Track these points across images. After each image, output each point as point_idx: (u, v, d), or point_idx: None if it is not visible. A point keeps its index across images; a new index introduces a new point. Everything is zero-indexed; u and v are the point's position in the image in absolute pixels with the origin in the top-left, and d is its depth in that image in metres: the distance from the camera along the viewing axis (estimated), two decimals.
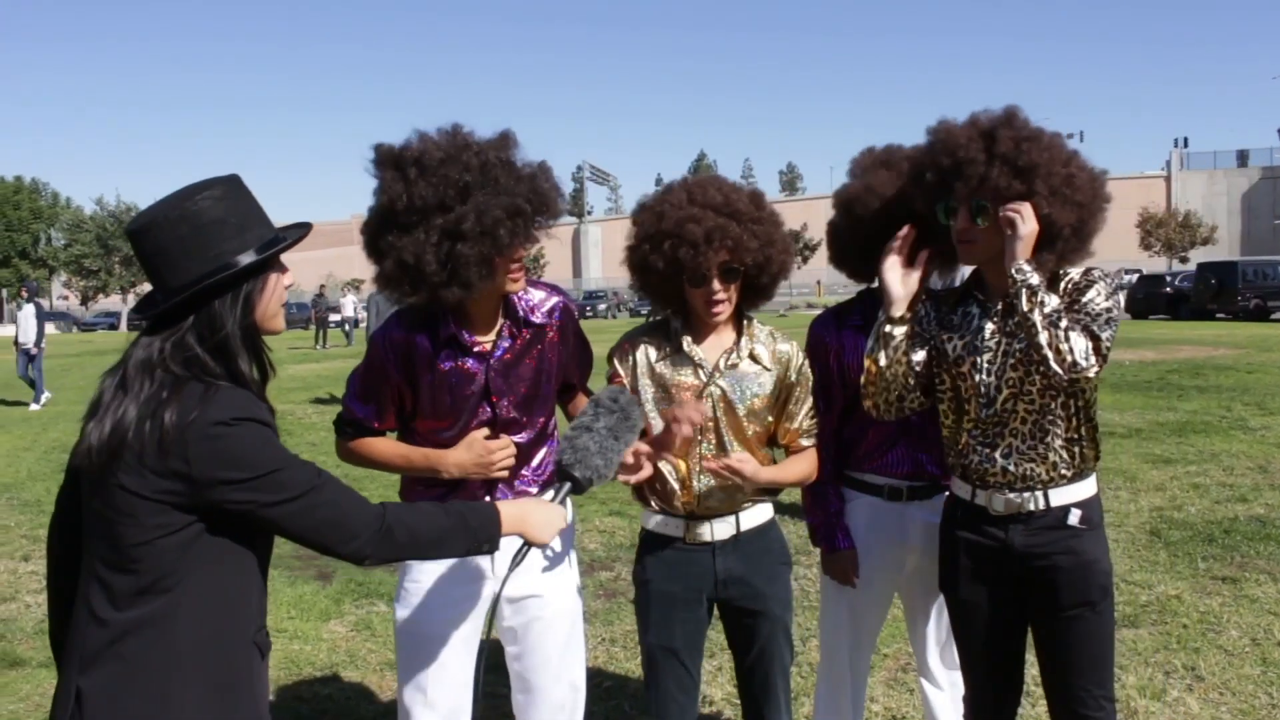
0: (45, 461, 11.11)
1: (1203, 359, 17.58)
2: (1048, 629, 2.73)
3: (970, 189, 2.59)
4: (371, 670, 4.93)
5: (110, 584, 1.86)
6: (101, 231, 63.57)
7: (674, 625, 2.88)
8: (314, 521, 1.92)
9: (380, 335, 2.79)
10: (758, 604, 2.89)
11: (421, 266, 2.53)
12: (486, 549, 2.18)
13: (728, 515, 2.86)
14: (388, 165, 2.59)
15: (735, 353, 2.84)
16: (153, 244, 1.93)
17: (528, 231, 2.62)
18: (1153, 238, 64.45)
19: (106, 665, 1.84)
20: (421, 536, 2.06)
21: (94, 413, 1.91)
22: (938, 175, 2.63)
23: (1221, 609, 5.31)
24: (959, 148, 2.59)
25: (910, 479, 3.17)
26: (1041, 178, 2.55)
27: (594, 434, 2.40)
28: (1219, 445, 9.66)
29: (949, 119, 2.71)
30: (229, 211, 1.95)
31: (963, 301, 2.81)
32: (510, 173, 2.61)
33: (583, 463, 2.38)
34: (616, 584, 6.15)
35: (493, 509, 2.21)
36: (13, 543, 7.62)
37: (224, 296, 1.93)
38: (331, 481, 1.96)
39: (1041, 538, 2.69)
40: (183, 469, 1.81)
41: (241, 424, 1.85)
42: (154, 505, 1.82)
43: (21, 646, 5.40)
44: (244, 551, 1.95)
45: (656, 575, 2.90)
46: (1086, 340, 2.50)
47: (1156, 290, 35.97)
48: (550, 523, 2.30)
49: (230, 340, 1.93)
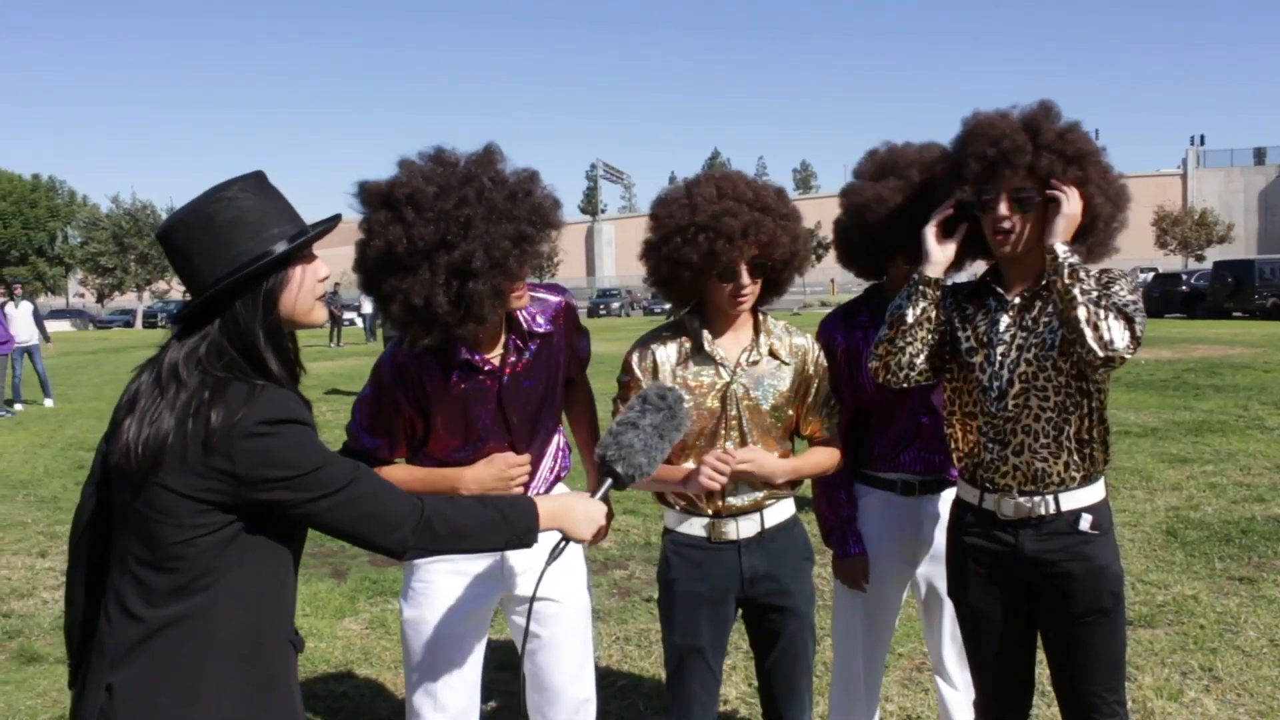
0: (62, 458, 11.18)
1: (1219, 358, 17.48)
2: (1059, 635, 2.71)
3: (1019, 177, 2.59)
4: (386, 668, 4.94)
5: (146, 581, 1.86)
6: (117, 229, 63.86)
7: (700, 625, 2.87)
8: (355, 515, 1.93)
9: (388, 364, 2.71)
10: (785, 600, 2.89)
11: (433, 308, 2.45)
12: (524, 542, 2.17)
13: (752, 513, 2.86)
14: (378, 206, 2.48)
15: (755, 349, 2.84)
16: (175, 247, 1.95)
17: (535, 252, 2.59)
18: (1169, 236, 64.16)
19: (139, 661, 1.84)
20: (460, 527, 2.05)
21: (130, 409, 1.91)
22: (983, 164, 2.62)
23: (1239, 609, 5.28)
24: (1004, 137, 2.59)
25: (922, 474, 3.19)
26: (1092, 165, 2.60)
27: (640, 431, 2.36)
28: (1236, 445, 9.60)
29: (982, 111, 2.70)
30: (246, 211, 1.94)
31: (978, 294, 2.81)
32: (506, 193, 2.53)
33: (626, 460, 2.34)
34: (630, 582, 6.16)
35: (531, 503, 2.19)
36: (30, 539, 7.67)
37: (244, 296, 1.93)
38: (370, 476, 1.98)
39: (1052, 543, 2.67)
40: (228, 467, 1.81)
41: (285, 425, 1.86)
42: (196, 505, 1.83)
43: (39, 642, 5.44)
44: (280, 550, 1.96)
45: (682, 575, 2.88)
46: (1123, 322, 2.49)
47: (1173, 289, 35.79)
48: (591, 518, 2.29)
49: (255, 340, 1.93)
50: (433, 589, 2.82)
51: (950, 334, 2.80)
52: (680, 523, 2.90)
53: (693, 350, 2.84)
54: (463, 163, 2.54)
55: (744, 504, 2.84)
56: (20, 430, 13.67)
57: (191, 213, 1.93)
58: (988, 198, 2.64)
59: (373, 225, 2.48)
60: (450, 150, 2.57)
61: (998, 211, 2.62)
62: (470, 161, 2.54)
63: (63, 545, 7.42)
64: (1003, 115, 2.67)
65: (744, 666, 4.61)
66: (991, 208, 2.64)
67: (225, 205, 1.93)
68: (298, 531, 2.02)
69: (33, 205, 69.64)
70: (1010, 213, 2.62)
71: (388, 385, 2.71)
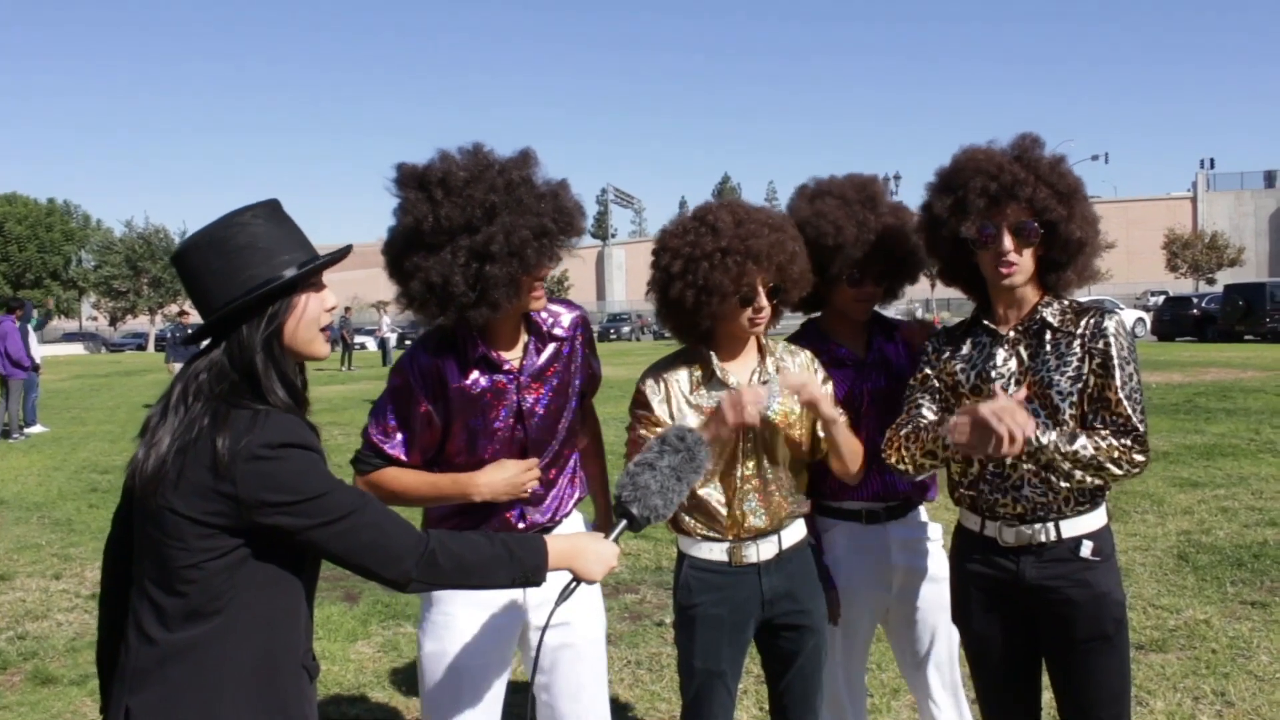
0: (75, 481, 11.23)
1: (1231, 381, 17.43)
2: (1063, 662, 2.71)
3: (1019, 210, 2.63)
4: (398, 691, 4.95)
5: (160, 605, 1.89)
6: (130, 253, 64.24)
7: (722, 649, 2.87)
8: (357, 544, 1.93)
9: (407, 362, 2.76)
10: (804, 619, 2.91)
11: (450, 288, 2.54)
12: (532, 581, 2.15)
13: (770, 535, 2.88)
14: (411, 185, 2.59)
15: (763, 370, 2.88)
16: (187, 270, 1.98)
17: (553, 250, 2.65)
18: (1179, 259, 63.95)
19: (155, 686, 1.87)
20: (466, 563, 2.04)
21: (142, 435, 1.96)
22: (986, 198, 2.64)
23: (1251, 634, 5.27)
24: (1002, 170, 2.63)
25: (884, 500, 3.18)
26: (1079, 201, 2.65)
27: (657, 472, 2.33)
28: (1248, 468, 9.58)
29: (970, 146, 2.76)
30: (258, 237, 1.97)
31: (971, 331, 2.84)
32: (533, 192, 2.62)
33: (641, 501, 2.31)
34: (641, 607, 6.16)
35: (540, 541, 2.18)
36: (44, 561, 7.71)
37: (250, 320, 1.95)
38: (375, 505, 1.98)
39: (1053, 569, 2.67)
40: (230, 491, 1.84)
41: (288, 449, 1.88)
42: (202, 528, 1.85)
43: (54, 664, 5.46)
44: (291, 577, 1.97)
45: (704, 600, 2.87)
46: (1128, 439, 2.55)
47: (1183, 312, 35.65)
48: (603, 559, 2.27)
49: (255, 362, 1.94)
50: (453, 621, 2.79)
51: (948, 378, 2.81)
52: (700, 548, 2.90)
53: (704, 376, 2.87)
54: (498, 158, 2.64)
55: (763, 525, 2.86)
56: (34, 453, 13.73)
57: (205, 237, 1.96)
58: (989, 232, 2.66)
59: (404, 204, 2.60)
60: (489, 149, 2.67)
61: (1001, 245, 2.65)
62: (506, 159, 2.65)
63: (76, 568, 7.46)
64: (992, 149, 2.71)
65: (755, 690, 4.61)
66: (994, 242, 2.66)
67: (239, 230, 1.96)
68: (309, 559, 2.03)
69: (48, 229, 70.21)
70: (1014, 245, 2.65)
71: (406, 380, 2.74)
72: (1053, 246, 2.68)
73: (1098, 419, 2.60)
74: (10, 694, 5.09)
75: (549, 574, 2.18)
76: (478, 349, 2.73)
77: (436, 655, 2.79)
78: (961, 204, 2.69)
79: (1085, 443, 2.54)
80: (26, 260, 68.58)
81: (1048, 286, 2.75)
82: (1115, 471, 2.55)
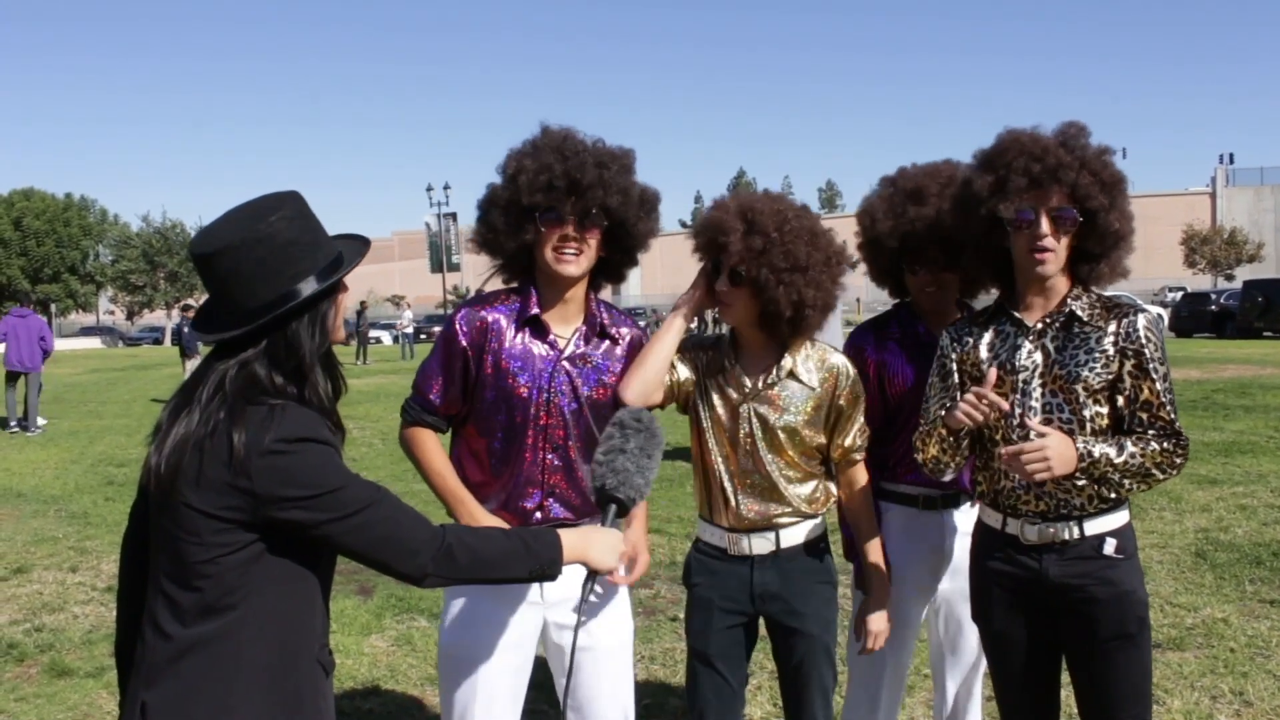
0: (92, 474, 11.30)
1: (1249, 378, 17.29)
2: (1085, 661, 2.69)
3: (1060, 196, 2.61)
4: (412, 685, 4.96)
5: (176, 600, 1.88)
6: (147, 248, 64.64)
7: (710, 632, 2.93)
8: (373, 538, 1.92)
9: (461, 309, 2.84)
10: (794, 621, 2.90)
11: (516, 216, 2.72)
12: (548, 574, 2.15)
13: (766, 531, 2.89)
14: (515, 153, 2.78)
15: (776, 371, 2.86)
16: (227, 267, 1.91)
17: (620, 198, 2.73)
18: (1198, 255, 63.59)
19: (170, 681, 1.87)
20: (482, 557, 2.03)
21: (158, 430, 1.95)
22: (1028, 179, 2.61)
23: (1270, 633, 5.23)
24: (1047, 153, 2.60)
25: (943, 487, 3.20)
26: (1120, 193, 2.64)
27: (629, 455, 2.41)
28: (1266, 466, 9.51)
29: (1015, 128, 2.73)
30: (302, 231, 1.95)
31: (995, 320, 2.81)
32: (619, 163, 2.76)
33: (626, 484, 2.39)
34: (655, 601, 6.16)
35: (555, 535, 2.18)
36: (61, 554, 7.75)
37: (301, 319, 1.95)
38: (391, 500, 1.97)
39: (1076, 568, 2.65)
40: (246, 486, 1.83)
41: (305, 444, 1.87)
42: (218, 523, 1.85)
43: (70, 656, 5.49)
44: (306, 572, 1.97)
45: (701, 581, 2.97)
46: (1170, 443, 2.56)
47: (1202, 308, 35.43)
48: (610, 547, 2.30)
49: (306, 361, 1.96)
50: (474, 617, 2.78)
51: (970, 370, 2.80)
52: (706, 531, 2.98)
53: (721, 367, 2.91)
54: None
55: (758, 521, 2.88)
56: (51, 446, 13.82)
57: (248, 232, 1.91)
58: (1028, 215, 2.63)
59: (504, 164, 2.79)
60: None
61: (1039, 229, 2.62)
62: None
63: (93, 560, 7.51)
64: (1038, 133, 2.68)
65: (768, 686, 4.60)
66: (1031, 225, 2.63)
67: (285, 225, 1.93)
68: (324, 554, 2.02)
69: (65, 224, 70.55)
70: (1052, 231, 2.62)
71: (453, 326, 2.80)
72: (1089, 237, 2.64)
73: (1136, 422, 2.60)
74: (27, 685, 5.12)
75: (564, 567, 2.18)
76: (531, 308, 2.77)
77: (456, 649, 2.79)
78: (1003, 183, 2.65)
79: (1134, 450, 2.54)
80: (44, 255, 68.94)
81: (1079, 278, 2.71)
82: (1159, 477, 2.56)
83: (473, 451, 2.86)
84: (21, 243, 68.52)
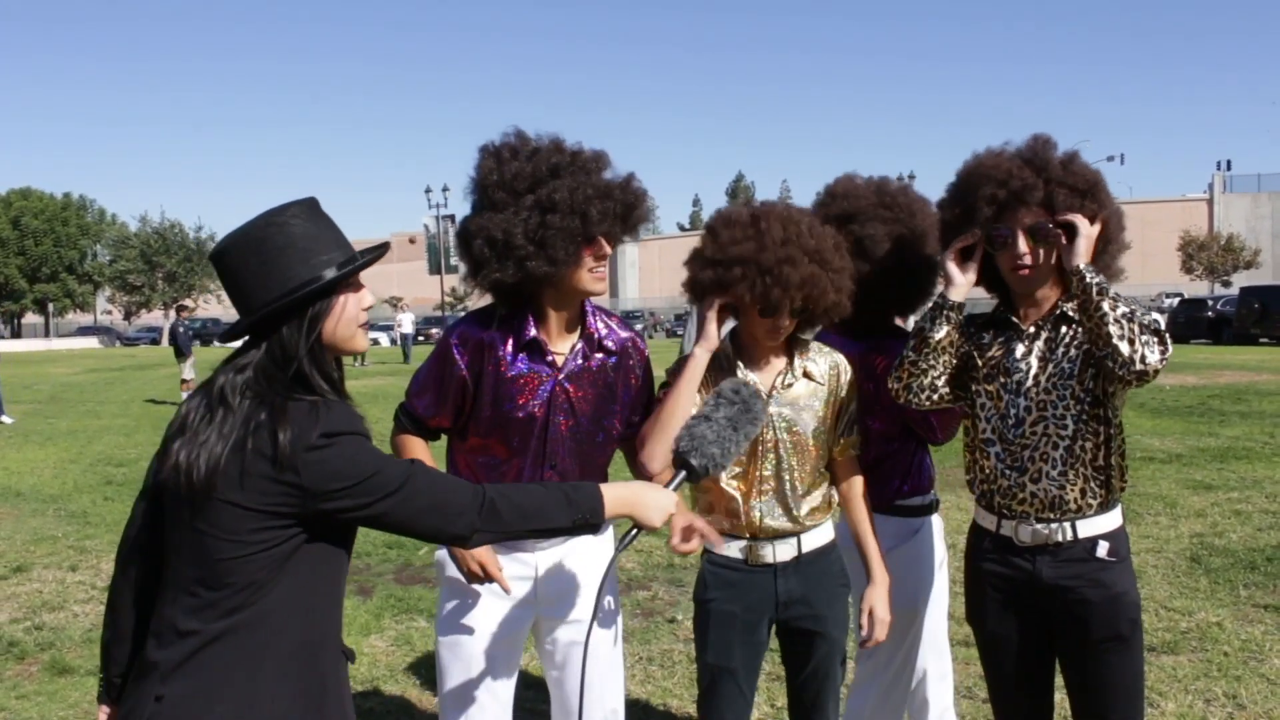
0: (91, 474, 11.32)
1: (1245, 384, 17.34)
2: (1077, 662, 2.72)
3: (1032, 213, 2.63)
4: (412, 685, 4.99)
5: (200, 597, 1.90)
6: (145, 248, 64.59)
7: (733, 646, 2.88)
8: (419, 508, 1.97)
9: (457, 327, 2.80)
10: (817, 625, 2.90)
11: (510, 240, 2.58)
12: (591, 523, 2.16)
13: (789, 537, 2.87)
14: (486, 156, 2.70)
15: (790, 373, 2.86)
16: (227, 270, 2.00)
17: (616, 218, 2.69)
18: (1195, 261, 63.60)
19: (192, 672, 1.89)
20: (525, 509, 2.07)
21: (180, 432, 1.97)
22: (995, 206, 2.65)
23: (1264, 637, 5.26)
24: (1011, 176, 2.62)
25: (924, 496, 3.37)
26: (1102, 193, 2.65)
27: (713, 423, 2.33)
28: (1261, 471, 9.55)
29: (979, 152, 2.76)
30: (300, 236, 1.99)
31: (992, 324, 2.85)
32: (600, 166, 2.71)
33: (699, 450, 2.31)
34: (653, 603, 6.19)
35: (595, 488, 2.19)
36: (60, 553, 7.77)
37: (290, 321, 1.98)
38: (424, 469, 2.02)
39: (1070, 569, 2.68)
40: (294, 480, 1.87)
41: (341, 436, 1.92)
42: (262, 518, 1.88)
43: (70, 655, 5.51)
44: (331, 562, 2.01)
45: (718, 596, 2.89)
46: (1154, 336, 2.48)
47: (1198, 314, 35.49)
48: (662, 507, 2.25)
49: (299, 363, 1.98)
50: (468, 613, 2.83)
51: (968, 361, 2.83)
52: (718, 544, 2.90)
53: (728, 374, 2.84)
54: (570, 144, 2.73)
55: (781, 527, 2.86)
56: (50, 445, 13.84)
57: (244, 237, 1.98)
58: (1004, 234, 2.66)
59: (475, 171, 2.70)
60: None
61: (1016, 249, 2.65)
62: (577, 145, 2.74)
63: (92, 559, 7.52)
64: (1002, 154, 2.70)
65: (766, 688, 4.63)
66: (1009, 245, 2.66)
67: (277, 230, 1.98)
68: (350, 545, 2.07)
69: (64, 223, 70.58)
70: (1030, 249, 2.65)
71: (449, 344, 2.77)
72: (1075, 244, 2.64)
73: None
74: (28, 683, 5.15)
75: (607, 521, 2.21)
76: (529, 331, 2.73)
77: (451, 644, 2.84)
78: (971, 212, 2.70)
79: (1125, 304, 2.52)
80: (42, 254, 68.95)
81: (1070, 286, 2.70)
82: (1141, 351, 2.46)
83: (470, 465, 2.85)
84: (19, 242, 68.53)
